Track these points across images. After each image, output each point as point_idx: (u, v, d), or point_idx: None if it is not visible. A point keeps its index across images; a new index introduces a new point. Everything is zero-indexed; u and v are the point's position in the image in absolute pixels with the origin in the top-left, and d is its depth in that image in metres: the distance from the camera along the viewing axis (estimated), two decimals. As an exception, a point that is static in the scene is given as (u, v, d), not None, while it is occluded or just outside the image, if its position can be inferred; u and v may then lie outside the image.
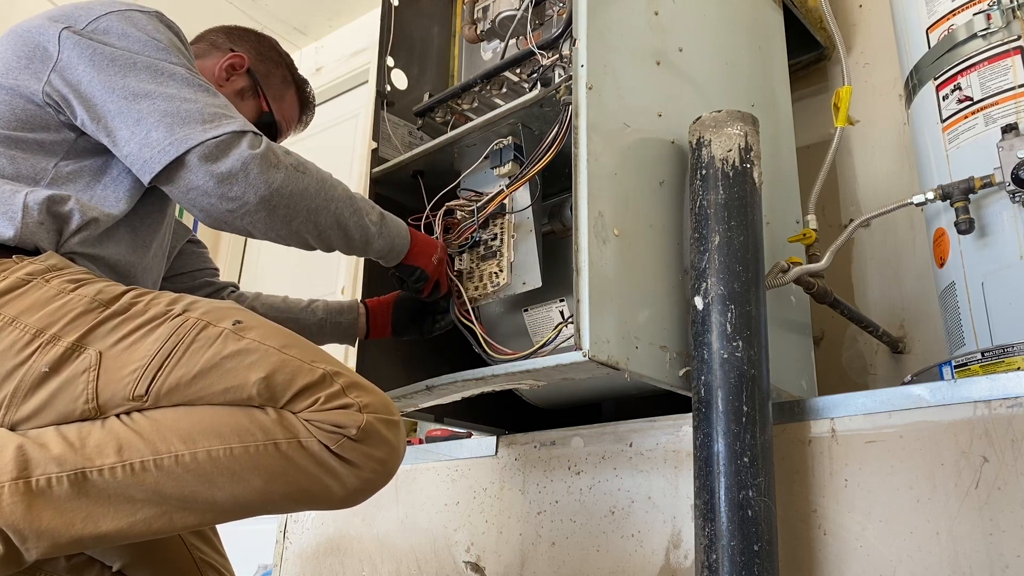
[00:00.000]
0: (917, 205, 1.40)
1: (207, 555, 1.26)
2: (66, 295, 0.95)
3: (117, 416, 0.92)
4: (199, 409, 0.93)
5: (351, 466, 0.95)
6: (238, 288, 1.49)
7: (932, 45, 1.45)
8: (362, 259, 1.52)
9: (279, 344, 0.97)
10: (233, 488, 0.91)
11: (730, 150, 1.23)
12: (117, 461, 0.89)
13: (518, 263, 1.31)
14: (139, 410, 0.93)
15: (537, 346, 1.26)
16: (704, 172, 1.24)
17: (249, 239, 2.92)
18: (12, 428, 0.92)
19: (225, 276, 1.51)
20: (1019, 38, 1.34)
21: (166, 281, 1.37)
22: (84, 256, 1.04)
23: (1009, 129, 1.29)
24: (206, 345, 0.94)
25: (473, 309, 1.39)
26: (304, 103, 1.45)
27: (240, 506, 0.93)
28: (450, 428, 1.67)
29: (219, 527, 1.32)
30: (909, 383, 1.25)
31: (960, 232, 1.32)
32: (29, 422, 0.92)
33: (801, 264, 1.42)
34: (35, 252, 1.00)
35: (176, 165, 1.01)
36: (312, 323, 1.44)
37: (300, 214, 1.09)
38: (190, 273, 1.44)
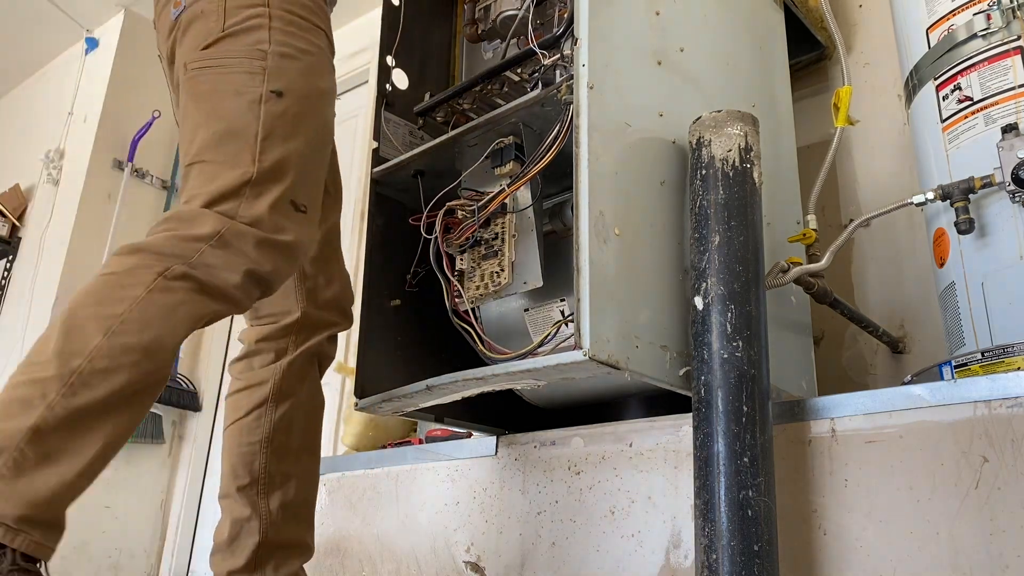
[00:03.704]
0: (917, 205, 1.40)
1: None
2: None
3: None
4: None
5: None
6: None
7: (932, 45, 1.45)
8: (362, 261, 1.51)
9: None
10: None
11: (730, 150, 1.23)
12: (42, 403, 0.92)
13: (519, 262, 1.31)
14: None
15: (535, 343, 1.26)
16: (704, 172, 1.24)
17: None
18: None
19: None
20: (1019, 38, 1.34)
21: None
22: None
23: (1009, 129, 1.29)
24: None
25: (472, 309, 1.39)
26: None
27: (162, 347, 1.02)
28: (450, 428, 1.67)
29: (212, 523, 1.31)
30: (909, 383, 1.25)
31: (960, 232, 1.32)
32: None
33: (801, 264, 1.42)
34: None
35: None
36: None
37: None
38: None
